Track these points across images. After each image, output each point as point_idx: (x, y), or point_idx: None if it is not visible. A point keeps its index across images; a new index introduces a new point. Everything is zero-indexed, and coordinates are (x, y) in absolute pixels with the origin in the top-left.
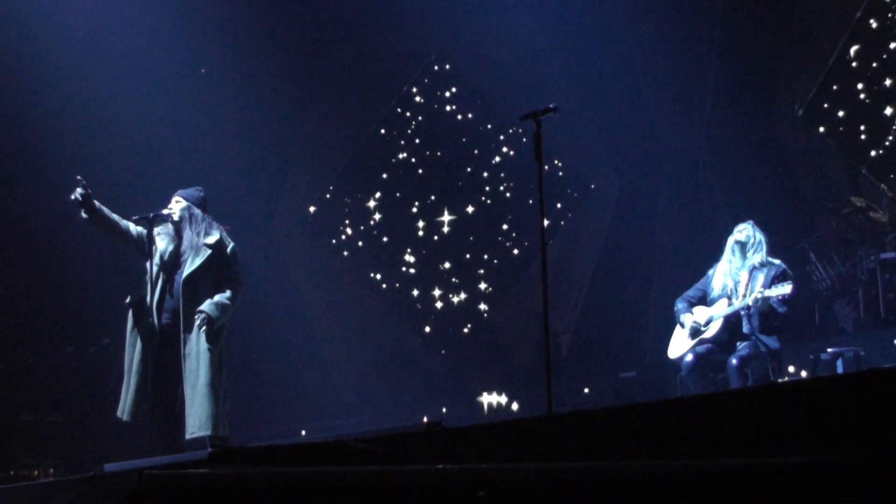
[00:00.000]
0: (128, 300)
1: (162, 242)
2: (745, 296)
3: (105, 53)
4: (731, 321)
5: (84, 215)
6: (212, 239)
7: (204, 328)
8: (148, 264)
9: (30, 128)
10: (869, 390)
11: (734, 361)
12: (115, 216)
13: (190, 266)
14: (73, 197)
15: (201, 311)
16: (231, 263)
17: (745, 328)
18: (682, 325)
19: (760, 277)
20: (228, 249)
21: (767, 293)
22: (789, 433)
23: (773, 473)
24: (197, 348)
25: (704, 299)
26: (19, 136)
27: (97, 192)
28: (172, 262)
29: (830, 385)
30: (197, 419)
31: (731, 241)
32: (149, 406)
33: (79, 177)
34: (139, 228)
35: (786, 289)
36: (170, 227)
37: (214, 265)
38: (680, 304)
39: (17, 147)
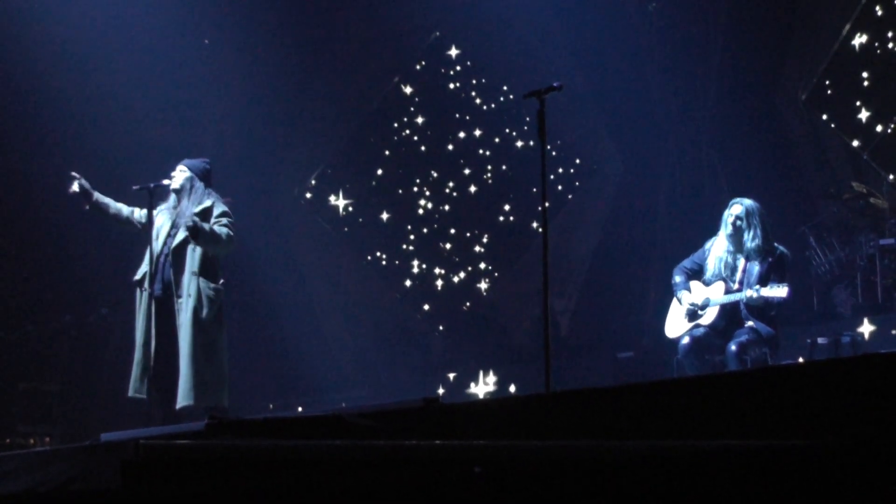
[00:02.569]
0: (135, 278)
1: (161, 218)
2: (741, 283)
3: (108, 24)
4: (728, 308)
5: (86, 207)
6: (201, 207)
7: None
8: (139, 226)
9: (32, 97)
10: (866, 375)
11: (733, 348)
12: (117, 205)
13: (179, 236)
14: (71, 191)
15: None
16: (217, 218)
17: (743, 314)
18: (680, 302)
19: (757, 266)
20: (218, 211)
21: (763, 293)
22: (786, 417)
23: (769, 456)
24: (188, 318)
25: (700, 272)
26: (20, 104)
27: (100, 161)
28: (167, 235)
29: (827, 369)
30: (182, 389)
31: (726, 222)
32: (150, 378)
33: (73, 172)
34: (142, 215)
35: (781, 292)
36: (171, 201)
37: None
38: (678, 278)
39: (19, 116)
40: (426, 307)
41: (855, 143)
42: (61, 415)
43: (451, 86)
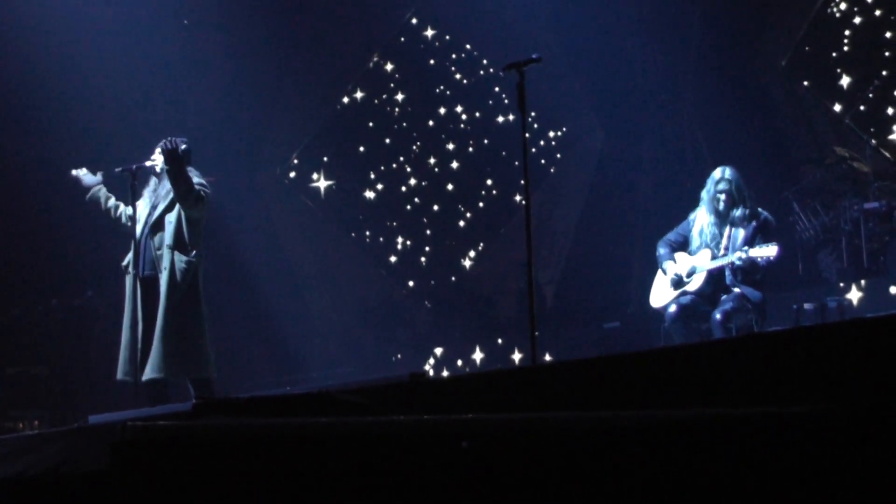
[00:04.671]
0: (123, 263)
1: (141, 204)
2: (727, 248)
3: (88, 5)
4: (715, 274)
5: (87, 195)
6: None
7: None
8: (129, 220)
9: (12, 80)
10: (852, 340)
11: (718, 316)
12: (113, 204)
13: (158, 210)
14: (85, 181)
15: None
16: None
17: (728, 280)
18: (665, 272)
19: (742, 232)
20: (195, 182)
21: (752, 253)
22: (773, 383)
23: (758, 423)
24: (163, 293)
25: (685, 244)
26: (2, 88)
27: (81, 143)
28: (147, 215)
29: (814, 335)
30: (150, 362)
31: (716, 198)
32: (137, 360)
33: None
34: (128, 214)
35: (770, 251)
36: (151, 184)
37: (178, 204)
38: (662, 249)
39: (1, 100)
40: (411, 283)
41: (837, 108)
42: (50, 398)
43: (431, 61)
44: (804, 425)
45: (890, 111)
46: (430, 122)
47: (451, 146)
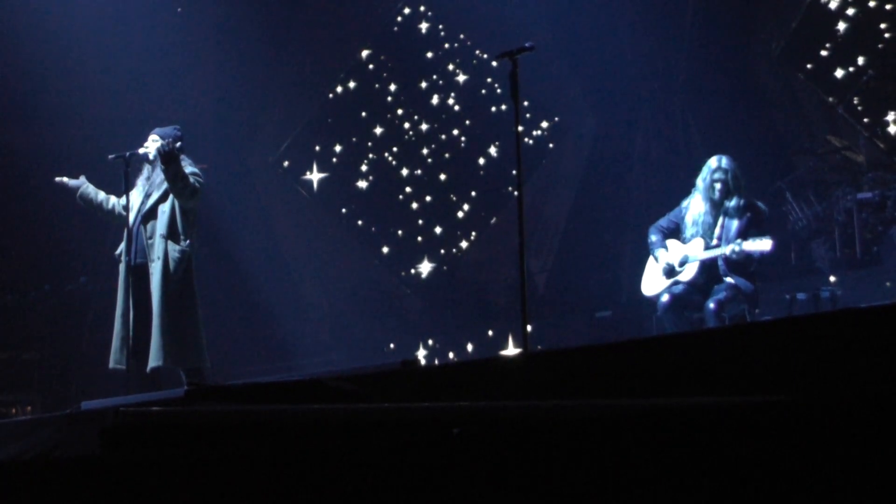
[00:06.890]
0: (116, 252)
1: (135, 193)
2: (720, 238)
3: None
4: (708, 264)
5: (77, 196)
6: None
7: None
8: (124, 210)
9: (6, 68)
10: (844, 330)
11: (712, 306)
12: (103, 197)
13: (151, 200)
14: (70, 184)
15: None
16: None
17: (721, 270)
18: (657, 260)
19: (736, 222)
20: (188, 171)
21: (745, 247)
22: (765, 373)
23: (749, 413)
24: (157, 282)
25: (677, 231)
26: None
27: (75, 131)
28: (140, 204)
29: (806, 325)
30: (152, 350)
31: (712, 187)
32: (130, 348)
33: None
34: (122, 205)
35: (764, 245)
36: (144, 172)
37: (172, 194)
38: (654, 236)
39: None
40: (403, 273)
41: (830, 99)
42: (42, 383)
43: (423, 51)
44: (796, 415)
45: (883, 102)
46: (423, 112)
47: (443, 136)
